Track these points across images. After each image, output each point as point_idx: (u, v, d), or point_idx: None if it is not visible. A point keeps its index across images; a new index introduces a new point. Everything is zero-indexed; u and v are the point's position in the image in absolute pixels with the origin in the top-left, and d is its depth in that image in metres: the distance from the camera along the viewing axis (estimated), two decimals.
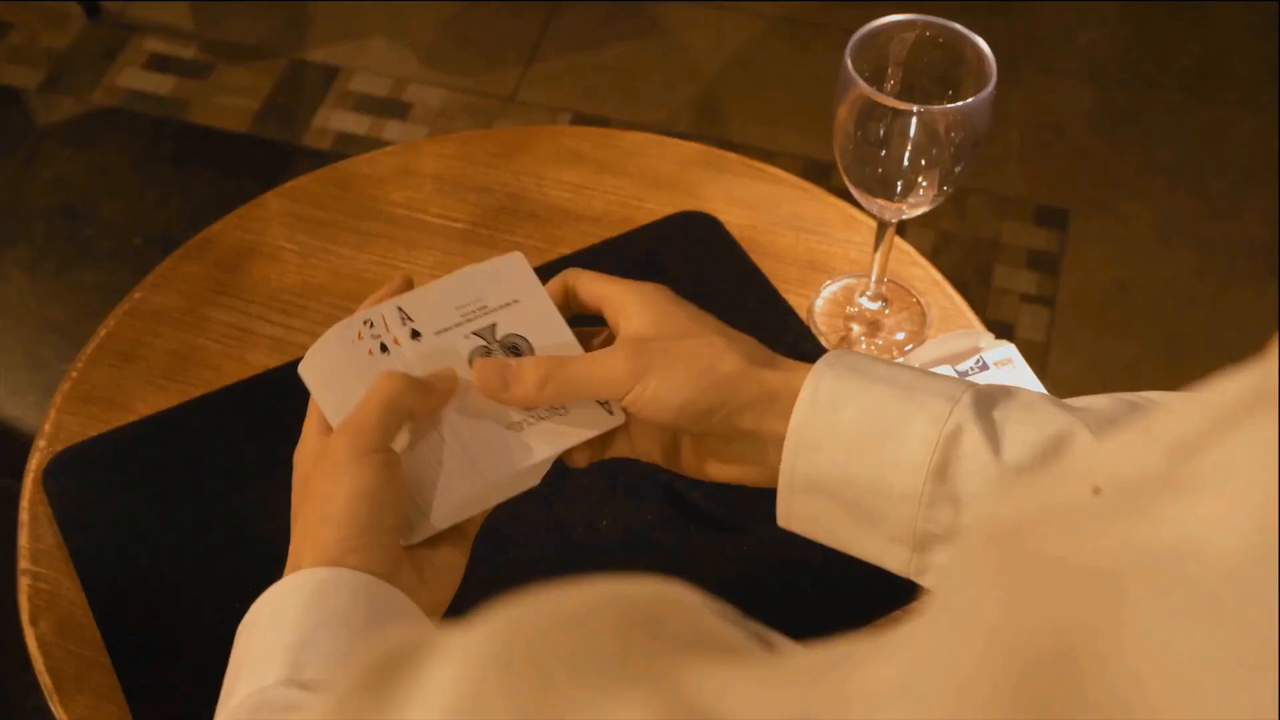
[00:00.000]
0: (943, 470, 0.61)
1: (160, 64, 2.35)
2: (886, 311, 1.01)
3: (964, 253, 2.13)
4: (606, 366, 0.65)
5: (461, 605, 0.84)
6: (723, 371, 0.64)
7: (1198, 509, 0.26)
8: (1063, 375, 1.99)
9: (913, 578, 0.64)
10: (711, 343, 0.65)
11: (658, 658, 0.34)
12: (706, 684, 0.32)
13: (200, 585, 0.86)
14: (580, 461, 0.71)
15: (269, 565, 0.86)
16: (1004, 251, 2.13)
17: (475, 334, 0.68)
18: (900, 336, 1.00)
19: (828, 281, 1.02)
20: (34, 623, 0.85)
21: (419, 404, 0.64)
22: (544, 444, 0.68)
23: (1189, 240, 2.16)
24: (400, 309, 0.68)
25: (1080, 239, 2.15)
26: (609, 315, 0.69)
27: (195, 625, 0.84)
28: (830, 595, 0.86)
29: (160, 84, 2.32)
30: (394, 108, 2.30)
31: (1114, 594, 0.26)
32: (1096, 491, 0.30)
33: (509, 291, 0.70)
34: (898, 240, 1.01)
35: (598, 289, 0.69)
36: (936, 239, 2.13)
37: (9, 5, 2.44)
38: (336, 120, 2.28)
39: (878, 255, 0.97)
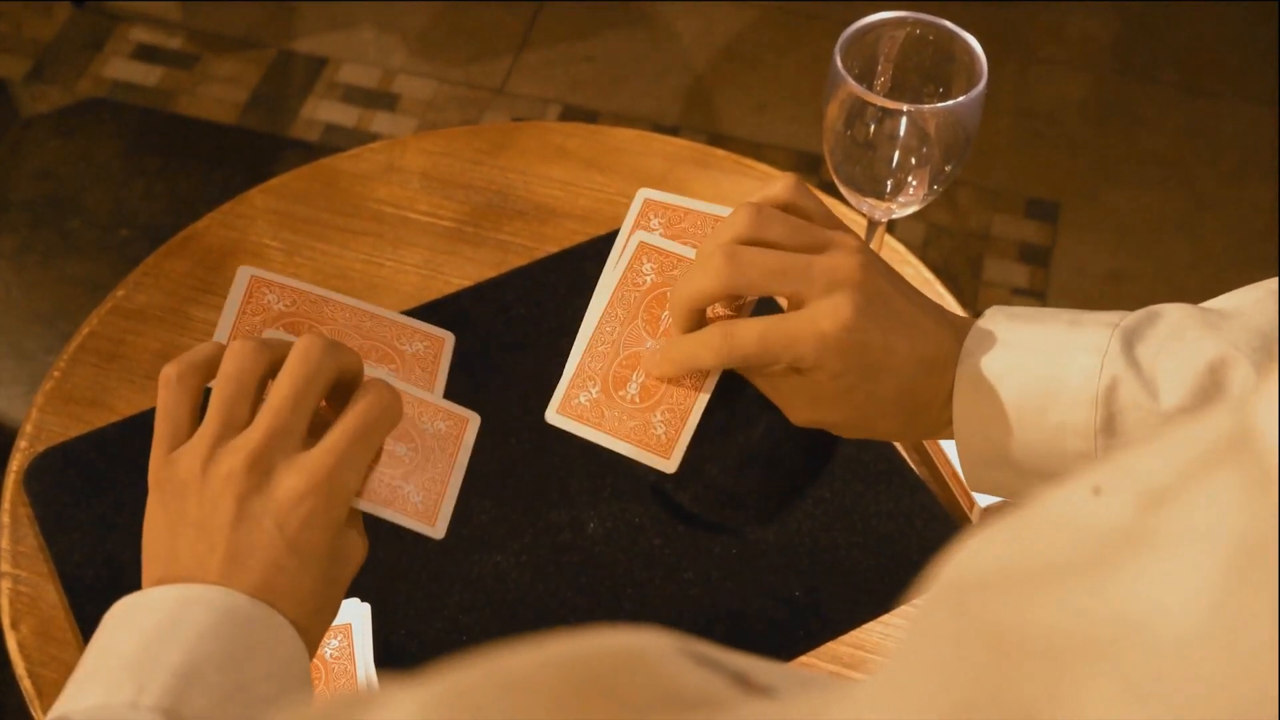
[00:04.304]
0: (1109, 425, 0.62)
1: (147, 54, 2.34)
2: None
3: (954, 245, 2.12)
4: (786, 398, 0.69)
5: (448, 605, 0.84)
6: (882, 392, 0.66)
7: (1155, 574, 0.25)
8: None
9: None
10: (879, 397, 0.67)
11: None
12: None
13: None
14: None
15: None
16: (995, 244, 2.13)
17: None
18: None
19: None
20: (14, 626, 0.84)
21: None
22: None
23: (1181, 232, 2.15)
24: None
25: (1071, 231, 2.15)
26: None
27: None
28: (817, 599, 0.86)
29: (147, 74, 2.31)
30: (382, 99, 2.28)
31: (1063, 673, 0.25)
32: (1097, 491, 0.29)
33: None
34: (888, 239, 1.00)
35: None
36: (927, 231, 2.13)
37: None
38: (324, 111, 2.26)
39: None
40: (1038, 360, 0.64)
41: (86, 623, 0.84)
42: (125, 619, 0.58)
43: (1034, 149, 2.26)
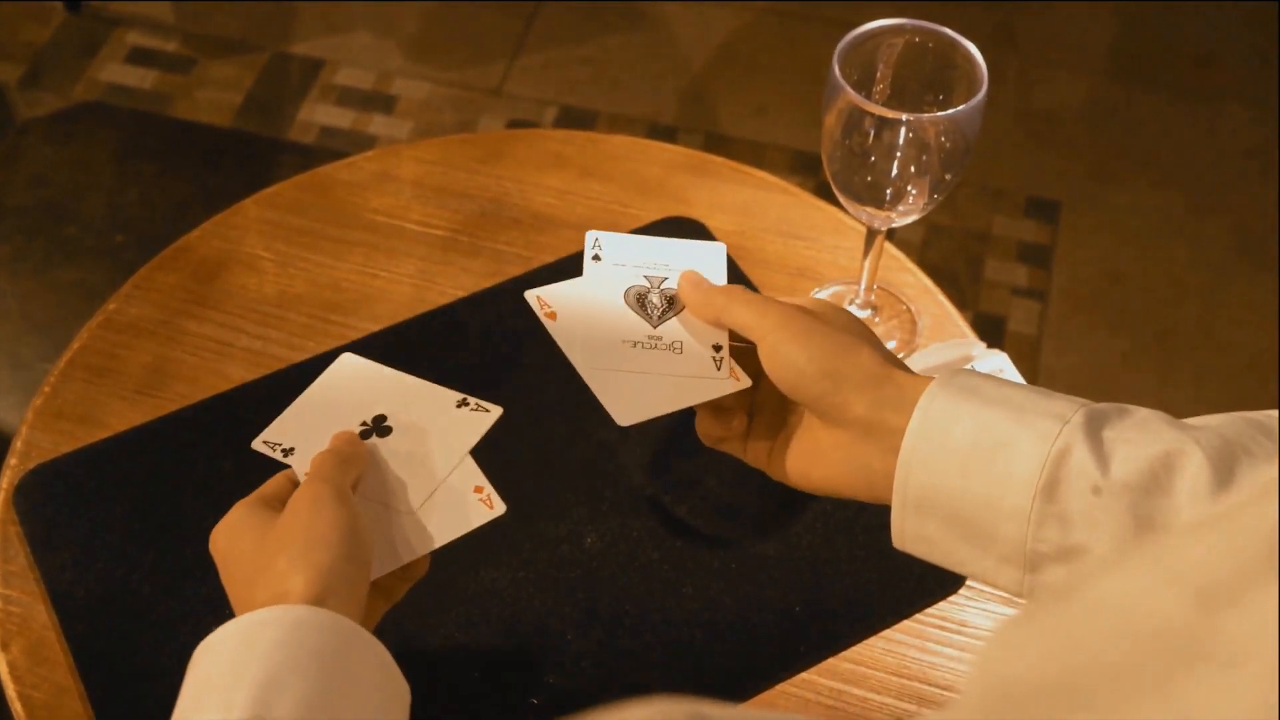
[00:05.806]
0: (1051, 489, 0.61)
1: (142, 58, 2.32)
2: (877, 320, 0.99)
3: (955, 246, 2.11)
4: (760, 307, 0.69)
5: (445, 623, 0.83)
6: (855, 354, 0.67)
7: (1219, 684, 0.24)
8: (1054, 369, 1.98)
9: (1024, 598, 0.65)
10: (858, 336, 0.68)
11: None
12: None
13: (175, 607, 0.84)
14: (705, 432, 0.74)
15: None
16: (995, 244, 2.11)
17: (645, 275, 0.75)
18: (891, 345, 0.98)
19: (816, 289, 1.00)
20: (5, 647, 0.83)
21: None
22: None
23: (1181, 233, 2.14)
24: (596, 238, 0.75)
25: (1072, 231, 2.14)
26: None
27: (170, 648, 0.82)
28: (818, 613, 0.85)
29: (142, 78, 2.29)
30: (378, 101, 2.27)
31: None
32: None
33: (694, 267, 0.76)
34: (887, 246, 0.99)
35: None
36: (927, 232, 2.12)
37: None
38: (320, 114, 2.25)
39: (867, 263, 0.95)
40: (999, 413, 0.63)
41: (77, 642, 0.82)
42: (205, 657, 0.63)
43: (1034, 149, 2.24)
